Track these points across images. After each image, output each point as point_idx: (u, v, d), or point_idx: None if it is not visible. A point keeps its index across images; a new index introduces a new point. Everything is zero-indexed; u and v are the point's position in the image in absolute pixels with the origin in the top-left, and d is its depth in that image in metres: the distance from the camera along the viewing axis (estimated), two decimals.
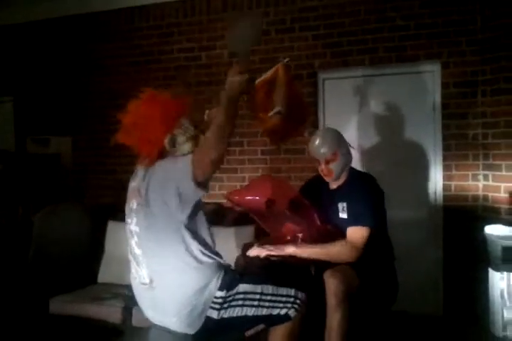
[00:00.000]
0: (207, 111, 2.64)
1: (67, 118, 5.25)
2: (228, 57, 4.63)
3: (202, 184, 2.09)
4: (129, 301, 3.43)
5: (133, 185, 2.35)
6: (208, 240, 2.27)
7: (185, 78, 4.76)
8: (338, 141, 2.88)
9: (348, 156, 2.91)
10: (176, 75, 4.82)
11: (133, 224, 2.28)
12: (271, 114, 2.84)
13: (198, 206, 2.23)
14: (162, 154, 2.31)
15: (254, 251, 2.65)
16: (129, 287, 3.50)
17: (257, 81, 2.94)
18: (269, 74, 2.91)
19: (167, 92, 2.37)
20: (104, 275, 3.97)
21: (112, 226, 4.11)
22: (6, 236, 4.45)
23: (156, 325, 2.35)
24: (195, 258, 2.18)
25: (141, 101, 2.31)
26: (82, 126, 5.20)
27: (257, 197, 2.55)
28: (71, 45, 5.25)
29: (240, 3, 4.60)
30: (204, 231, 2.26)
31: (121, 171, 4.84)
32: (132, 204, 2.29)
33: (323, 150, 2.83)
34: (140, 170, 2.35)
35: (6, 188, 4.85)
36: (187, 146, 2.29)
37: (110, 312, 3.43)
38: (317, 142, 2.87)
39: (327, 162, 2.84)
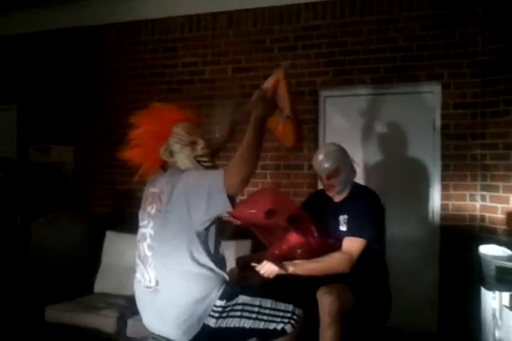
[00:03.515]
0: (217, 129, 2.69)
1: (69, 127, 5.28)
2: (232, 73, 4.69)
3: (231, 198, 2.11)
4: (124, 312, 3.44)
5: (153, 190, 2.37)
6: (217, 253, 2.30)
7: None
8: (342, 157, 2.91)
9: (351, 172, 2.93)
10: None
11: (148, 227, 2.31)
12: (282, 120, 2.85)
13: (217, 219, 2.26)
14: (164, 166, 2.38)
15: (265, 269, 2.60)
16: (126, 297, 3.57)
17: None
18: (272, 80, 2.91)
19: (165, 105, 2.45)
20: (101, 285, 3.98)
21: (109, 236, 4.14)
22: (3, 244, 4.46)
23: (149, 335, 2.36)
24: (201, 267, 2.21)
25: (141, 115, 2.38)
26: (84, 136, 5.23)
27: (257, 210, 2.57)
28: (76, 57, 5.30)
29: (245, 19, 4.67)
30: (213, 244, 2.28)
31: (121, 182, 4.87)
32: (151, 208, 2.32)
33: (325, 165, 2.86)
34: (161, 178, 2.38)
35: (7, 195, 4.86)
36: (184, 153, 2.33)
37: (105, 322, 3.43)
38: (320, 157, 2.90)
39: (329, 177, 2.86)
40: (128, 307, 3.43)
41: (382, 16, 4.21)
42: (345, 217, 2.83)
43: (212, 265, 2.24)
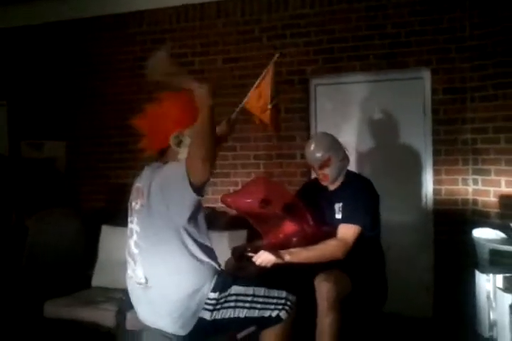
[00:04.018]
0: (219, 126, 2.71)
1: (61, 122, 5.26)
2: (222, 63, 4.68)
3: (197, 188, 2.13)
4: (122, 305, 3.45)
5: (137, 185, 2.39)
6: (207, 244, 2.31)
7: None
8: (333, 146, 2.92)
9: (344, 160, 2.94)
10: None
11: (134, 223, 2.32)
12: (270, 106, 2.90)
13: (198, 210, 2.26)
14: (165, 152, 2.38)
15: (262, 259, 2.60)
16: (123, 291, 3.56)
17: (257, 82, 3.03)
18: (267, 74, 2.98)
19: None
20: (98, 279, 3.97)
21: (105, 230, 4.13)
22: None
23: (148, 327, 2.38)
24: (192, 260, 2.22)
25: (170, 96, 2.38)
26: (76, 130, 5.21)
27: (252, 199, 2.58)
28: (65, 50, 5.27)
29: (233, 9, 4.65)
30: (203, 235, 2.30)
31: (115, 176, 4.88)
32: (135, 204, 2.34)
33: (317, 155, 2.87)
34: (146, 172, 2.40)
35: (0, 192, 4.85)
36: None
37: (104, 316, 3.43)
38: (312, 147, 2.91)
39: (321, 167, 2.87)
40: (126, 300, 3.42)
41: (370, 3, 4.21)
42: (340, 204, 2.85)
43: (203, 256, 2.25)
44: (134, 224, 2.33)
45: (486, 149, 3.80)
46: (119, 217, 3.89)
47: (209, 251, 2.31)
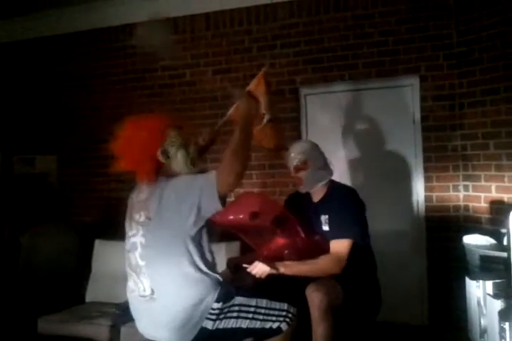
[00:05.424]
0: (202, 136, 2.72)
1: (52, 137, 5.28)
2: (212, 74, 4.71)
3: (222, 198, 2.16)
4: (117, 319, 3.44)
5: (139, 198, 2.38)
6: (209, 255, 2.33)
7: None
8: (311, 152, 2.95)
9: (324, 170, 2.95)
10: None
11: (138, 235, 2.31)
12: (264, 123, 2.88)
13: (207, 221, 2.29)
14: (160, 168, 2.37)
15: (256, 269, 2.60)
16: (117, 305, 3.57)
17: None
18: (253, 86, 2.92)
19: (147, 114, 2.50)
20: (92, 294, 3.96)
21: (98, 244, 4.12)
22: None
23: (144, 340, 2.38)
24: (198, 271, 2.23)
25: (125, 127, 2.37)
26: (67, 144, 5.22)
27: (240, 214, 2.58)
28: (55, 65, 5.29)
29: (222, 20, 4.68)
30: (206, 247, 2.31)
31: (107, 189, 4.87)
32: (139, 216, 2.32)
33: (293, 157, 2.92)
34: (147, 185, 2.38)
35: None
36: (180, 154, 2.34)
37: (98, 331, 3.41)
38: (290, 151, 2.97)
39: (297, 170, 2.91)
40: (120, 315, 3.42)
41: (357, 12, 4.24)
42: (326, 216, 2.85)
43: (207, 268, 2.26)
44: (138, 237, 2.31)
45: (476, 155, 3.82)
46: (112, 231, 3.90)
47: (212, 263, 2.33)
